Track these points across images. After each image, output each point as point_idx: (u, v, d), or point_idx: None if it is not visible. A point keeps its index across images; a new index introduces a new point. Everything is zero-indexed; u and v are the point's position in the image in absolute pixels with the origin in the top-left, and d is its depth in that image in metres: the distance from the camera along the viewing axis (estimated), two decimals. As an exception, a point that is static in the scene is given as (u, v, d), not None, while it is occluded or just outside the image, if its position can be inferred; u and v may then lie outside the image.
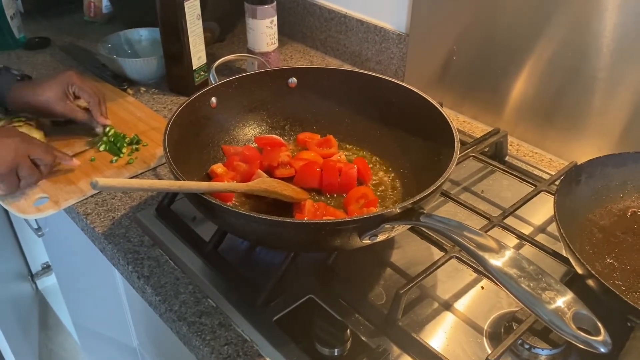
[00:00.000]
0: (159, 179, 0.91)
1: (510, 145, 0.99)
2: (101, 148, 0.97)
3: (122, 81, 1.17)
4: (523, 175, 0.89)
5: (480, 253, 0.54)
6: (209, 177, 0.81)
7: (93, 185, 0.54)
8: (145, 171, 0.94)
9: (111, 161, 0.94)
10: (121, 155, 0.96)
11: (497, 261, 0.53)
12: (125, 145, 0.98)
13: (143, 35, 1.25)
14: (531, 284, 0.51)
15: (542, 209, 0.84)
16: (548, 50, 0.93)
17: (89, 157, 0.95)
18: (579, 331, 0.47)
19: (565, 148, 0.96)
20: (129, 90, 1.16)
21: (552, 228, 0.82)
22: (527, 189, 0.84)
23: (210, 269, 0.75)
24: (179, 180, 0.65)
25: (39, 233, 1.28)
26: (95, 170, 0.92)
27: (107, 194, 0.88)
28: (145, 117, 1.08)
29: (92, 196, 0.87)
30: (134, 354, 1.10)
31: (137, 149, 0.98)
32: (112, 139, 0.98)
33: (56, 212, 0.85)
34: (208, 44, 1.20)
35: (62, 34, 1.43)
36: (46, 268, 1.85)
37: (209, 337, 0.65)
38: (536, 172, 0.94)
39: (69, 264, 1.30)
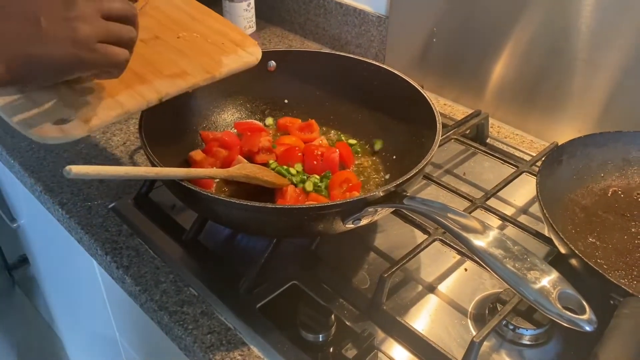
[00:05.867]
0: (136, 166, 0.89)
1: (492, 127, 0.99)
2: None
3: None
4: (504, 156, 0.89)
5: (465, 234, 0.54)
6: (188, 164, 0.80)
7: (66, 173, 0.52)
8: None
9: None
10: None
11: (481, 242, 0.53)
12: None
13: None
14: (516, 264, 0.51)
15: (523, 190, 0.85)
16: (528, 32, 0.92)
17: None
18: (564, 310, 0.47)
19: (546, 129, 0.97)
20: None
21: (534, 209, 0.82)
22: (509, 170, 0.84)
23: (191, 257, 0.73)
24: (156, 166, 0.64)
25: (14, 224, 1.25)
26: (137, 79, 0.66)
27: (82, 183, 0.86)
28: (200, 15, 0.78)
29: (67, 186, 0.85)
30: (115, 345, 1.08)
31: None
32: None
33: (84, 134, 0.62)
34: (184, 28, 1.17)
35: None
36: (23, 260, 1.81)
37: (191, 326, 0.64)
38: (517, 153, 0.94)
39: (46, 255, 1.28)
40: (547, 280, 0.49)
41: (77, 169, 0.52)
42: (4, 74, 0.52)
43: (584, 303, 0.48)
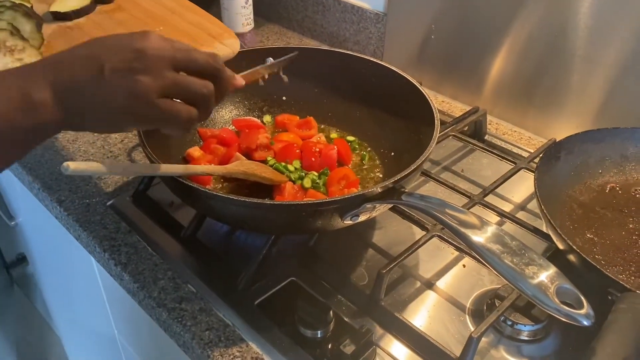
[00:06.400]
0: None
1: (490, 124, 0.99)
2: None
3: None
4: (502, 153, 0.89)
5: (463, 230, 0.54)
6: (186, 161, 0.80)
7: (64, 169, 0.52)
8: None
9: None
10: None
11: (479, 237, 0.53)
12: None
13: (114, 17, 1.21)
14: (514, 259, 0.51)
15: (521, 187, 0.85)
16: (526, 29, 0.92)
17: None
18: (562, 305, 0.47)
19: (544, 126, 0.97)
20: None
21: (532, 205, 0.82)
22: (507, 166, 0.84)
23: (190, 254, 0.73)
24: (154, 163, 0.64)
25: (12, 222, 1.25)
26: None
27: (81, 180, 0.85)
28: (178, 8, 0.77)
29: (65, 183, 0.85)
30: (114, 342, 1.08)
31: None
32: None
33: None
34: (182, 25, 1.17)
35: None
36: (22, 258, 1.81)
37: (189, 322, 0.64)
38: (515, 150, 0.94)
39: (45, 253, 1.28)
40: (545, 275, 0.49)
41: (75, 166, 0.52)
42: (61, 117, 0.48)
43: (582, 298, 0.48)
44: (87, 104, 0.49)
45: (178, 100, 0.51)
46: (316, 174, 0.77)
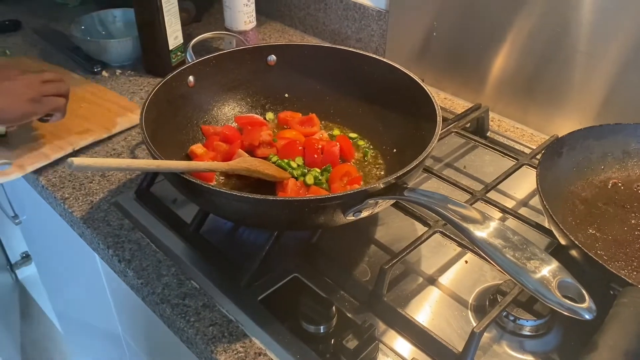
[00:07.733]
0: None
1: (492, 120, 0.99)
2: None
3: (96, 63, 1.14)
4: (505, 149, 0.89)
5: (465, 225, 0.54)
6: (189, 158, 0.80)
7: (68, 165, 0.52)
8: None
9: None
10: None
11: (481, 232, 0.53)
12: None
13: (117, 15, 1.22)
14: (516, 254, 0.51)
15: (524, 183, 0.85)
16: (528, 25, 0.92)
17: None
18: (564, 299, 0.47)
19: (546, 122, 0.97)
20: (104, 73, 1.14)
21: (535, 201, 0.82)
22: (509, 163, 0.84)
23: (193, 250, 0.74)
24: (157, 159, 0.64)
25: (16, 221, 1.25)
26: (55, 137, 0.91)
27: (84, 178, 0.86)
28: (98, 92, 1.06)
29: (69, 181, 0.85)
30: (118, 339, 1.08)
31: None
32: None
33: (22, 175, 0.85)
34: (184, 24, 1.17)
35: (34, 16, 1.39)
36: (25, 257, 1.82)
37: (193, 318, 0.65)
38: (518, 146, 0.94)
39: (49, 251, 1.28)
40: (547, 269, 0.50)
41: (79, 161, 0.52)
42: None
43: (584, 292, 0.48)
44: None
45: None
46: (319, 170, 0.78)
